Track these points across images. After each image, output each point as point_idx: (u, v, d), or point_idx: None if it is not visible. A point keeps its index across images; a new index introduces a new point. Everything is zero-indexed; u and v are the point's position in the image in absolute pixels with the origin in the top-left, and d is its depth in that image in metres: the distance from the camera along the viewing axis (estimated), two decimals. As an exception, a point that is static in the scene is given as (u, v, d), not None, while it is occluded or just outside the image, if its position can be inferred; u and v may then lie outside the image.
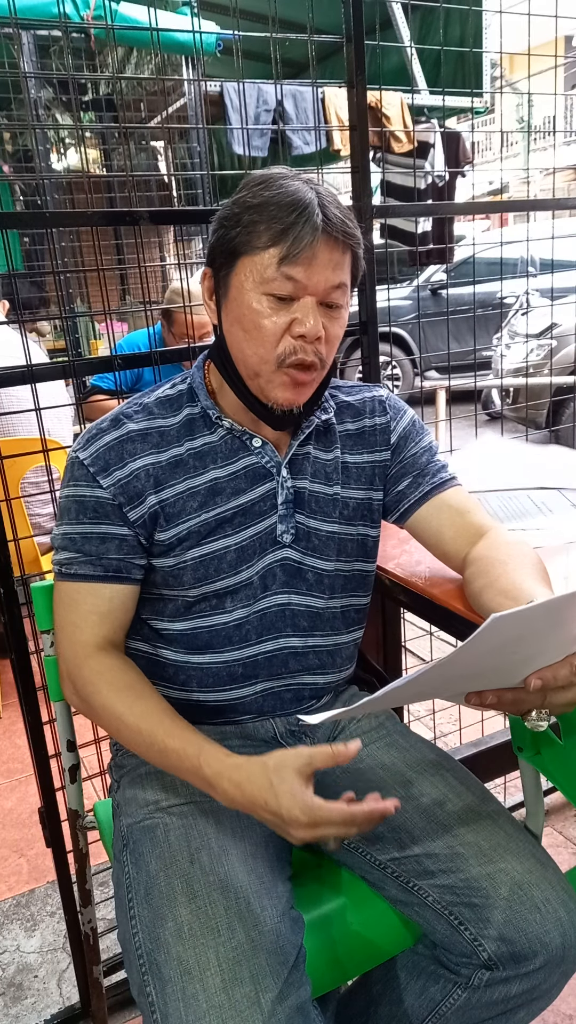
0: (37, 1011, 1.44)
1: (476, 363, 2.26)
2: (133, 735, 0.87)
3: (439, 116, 4.19)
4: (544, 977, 0.85)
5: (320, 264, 0.86)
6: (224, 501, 0.94)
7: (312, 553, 0.99)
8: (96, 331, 4.89)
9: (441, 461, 1.07)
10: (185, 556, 0.93)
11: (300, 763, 0.77)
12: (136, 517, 0.91)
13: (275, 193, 0.86)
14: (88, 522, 0.91)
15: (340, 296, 0.90)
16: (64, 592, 0.93)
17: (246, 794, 0.79)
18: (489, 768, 1.72)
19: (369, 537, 1.05)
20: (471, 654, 0.67)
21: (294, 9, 1.59)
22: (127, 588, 0.94)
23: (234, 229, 0.87)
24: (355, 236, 0.89)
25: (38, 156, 3.52)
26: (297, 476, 0.99)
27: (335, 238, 0.86)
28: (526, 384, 4.50)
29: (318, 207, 0.85)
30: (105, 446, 0.92)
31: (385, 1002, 0.96)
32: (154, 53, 3.13)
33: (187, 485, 0.93)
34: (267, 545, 0.97)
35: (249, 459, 0.96)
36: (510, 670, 0.74)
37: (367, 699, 0.74)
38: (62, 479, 0.95)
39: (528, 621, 0.66)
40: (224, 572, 0.94)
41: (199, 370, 0.99)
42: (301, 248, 0.84)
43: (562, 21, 1.76)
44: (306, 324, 0.86)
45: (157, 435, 0.94)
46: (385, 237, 3.71)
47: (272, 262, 0.85)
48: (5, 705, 2.48)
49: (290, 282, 0.86)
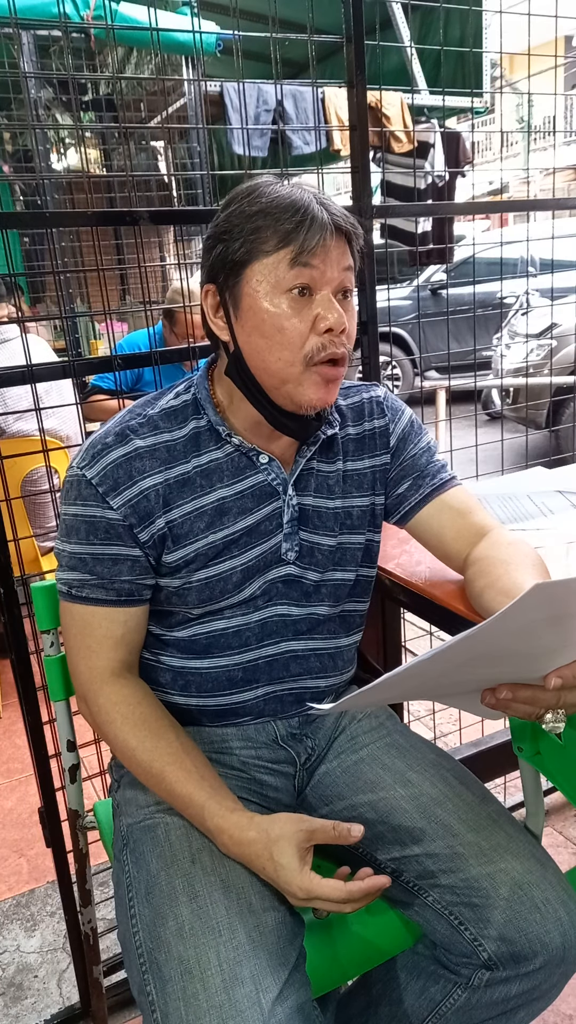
0: (37, 1011, 1.44)
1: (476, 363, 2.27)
2: (143, 771, 0.88)
3: (439, 116, 4.19)
4: (544, 977, 0.85)
5: (333, 255, 0.86)
6: (231, 522, 0.93)
7: (315, 568, 0.98)
8: (96, 331, 4.89)
9: (440, 461, 1.07)
10: (191, 578, 0.92)
11: (300, 838, 0.80)
12: (147, 538, 0.90)
13: (271, 199, 0.85)
14: (99, 543, 0.89)
15: (351, 280, 0.89)
16: (77, 615, 0.92)
17: (245, 856, 0.82)
18: (489, 768, 1.72)
19: (373, 542, 1.05)
20: (501, 629, 0.64)
21: (294, 9, 1.59)
22: (139, 610, 0.93)
23: (235, 241, 0.86)
24: (358, 226, 0.89)
25: (38, 156, 3.51)
26: (302, 492, 0.98)
27: (342, 228, 0.86)
28: (526, 384, 4.50)
29: (317, 204, 0.85)
30: (113, 464, 0.89)
31: (385, 1002, 0.96)
32: (154, 53, 3.13)
33: (195, 505, 0.91)
34: (271, 563, 0.96)
35: (256, 477, 0.94)
36: (528, 662, 0.72)
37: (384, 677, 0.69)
38: (63, 493, 0.92)
39: (569, 595, 0.63)
40: (229, 592, 0.94)
41: (203, 380, 0.96)
42: (315, 243, 0.84)
43: (562, 21, 1.76)
44: (330, 317, 0.85)
45: (165, 451, 0.91)
46: (385, 237, 3.71)
47: (284, 262, 0.84)
48: (5, 705, 2.48)
49: (307, 272, 0.84)
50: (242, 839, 0.81)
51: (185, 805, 0.86)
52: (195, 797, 0.85)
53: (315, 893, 0.77)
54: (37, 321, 4.03)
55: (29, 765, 1.63)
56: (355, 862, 0.96)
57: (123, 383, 2.59)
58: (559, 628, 0.67)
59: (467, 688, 0.77)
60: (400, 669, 0.68)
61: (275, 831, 0.80)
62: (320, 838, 0.80)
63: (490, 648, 0.68)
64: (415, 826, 0.92)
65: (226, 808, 0.84)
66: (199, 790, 0.85)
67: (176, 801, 0.87)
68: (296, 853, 0.79)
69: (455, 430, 1.92)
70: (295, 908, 0.86)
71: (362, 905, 0.80)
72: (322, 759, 1.04)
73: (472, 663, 0.71)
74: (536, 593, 0.60)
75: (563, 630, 0.67)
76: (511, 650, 0.69)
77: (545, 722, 0.74)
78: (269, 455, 0.95)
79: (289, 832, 0.80)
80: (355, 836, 0.80)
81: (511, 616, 0.63)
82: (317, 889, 0.77)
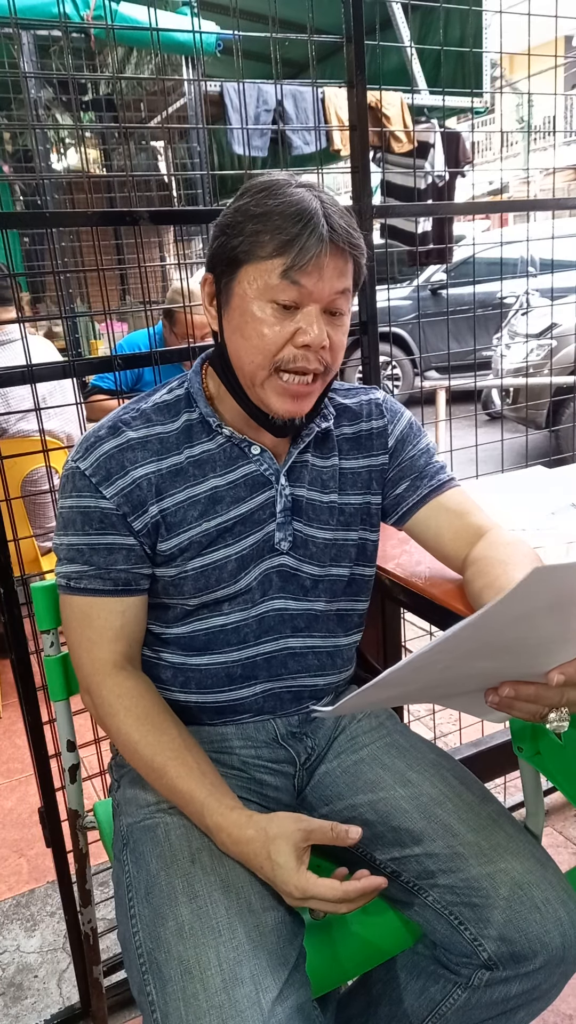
0: (37, 1011, 1.44)
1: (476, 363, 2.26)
2: (145, 765, 0.88)
3: (439, 116, 4.19)
4: (544, 977, 0.85)
5: (325, 274, 0.85)
6: (224, 510, 0.94)
7: (308, 560, 0.99)
8: (96, 331, 4.89)
9: (439, 462, 1.07)
10: (187, 567, 0.93)
11: (297, 838, 0.80)
12: (140, 527, 0.91)
13: (279, 202, 0.84)
14: (94, 533, 0.90)
15: (343, 303, 0.89)
16: (76, 607, 0.92)
17: (243, 854, 0.82)
18: (489, 768, 1.72)
19: (368, 541, 1.05)
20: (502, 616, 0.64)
21: (294, 9, 1.59)
22: (137, 600, 0.94)
23: (236, 238, 0.86)
24: (359, 246, 0.88)
25: (38, 156, 3.51)
26: (295, 484, 0.98)
27: (340, 248, 0.86)
28: (526, 384, 4.50)
29: (323, 217, 0.84)
30: (105, 455, 0.90)
31: (385, 1002, 0.96)
32: (154, 53, 3.13)
33: (187, 494, 0.93)
34: (264, 552, 0.96)
35: (248, 467, 0.96)
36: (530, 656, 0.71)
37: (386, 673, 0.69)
38: (60, 489, 0.94)
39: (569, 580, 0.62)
40: (224, 581, 0.94)
41: (196, 375, 0.98)
42: (307, 260, 0.83)
43: (562, 21, 1.76)
44: (310, 333, 0.86)
45: (157, 442, 0.93)
46: (385, 237, 3.71)
47: (276, 271, 0.84)
48: (5, 705, 2.48)
49: (295, 289, 0.85)
50: (240, 837, 0.81)
51: (185, 802, 0.86)
52: (196, 794, 0.85)
53: (311, 893, 0.77)
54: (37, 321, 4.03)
55: (29, 765, 1.63)
56: (355, 862, 0.96)
57: (123, 383, 2.59)
58: (560, 617, 0.66)
59: (469, 687, 0.77)
60: (402, 663, 0.67)
61: (273, 830, 0.80)
62: (318, 838, 0.80)
63: (491, 639, 0.68)
64: (415, 826, 0.92)
65: (226, 806, 0.84)
66: (200, 787, 0.85)
67: (176, 797, 0.87)
68: (293, 852, 0.79)
69: (455, 430, 1.92)
70: (294, 908, 0.86)
71: (358, 906, 0.79)
72: (322, 759, 1.04)
73: (473, 656, 0.70)
74: (536, 577, 0.60)
75: (564, 620, 0.67)
76: (512, 642, 0.69)
77: (549, 721, 0.74)
78: (261, 446, 0.96)
79: (287, 831, 0.80)
80: (353, 838, 0.79)
81: (511, 601, 0.62)
82: (313, 889, 0.77)
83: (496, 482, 1.53)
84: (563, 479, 1.45)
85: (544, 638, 0.69)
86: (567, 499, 1.31)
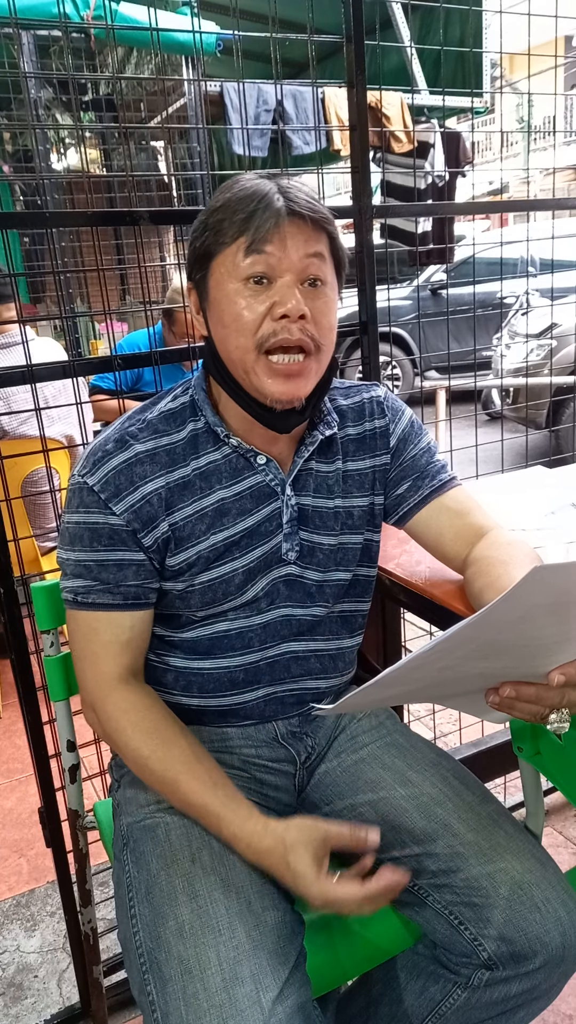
0: (37, 1011, 1.44)
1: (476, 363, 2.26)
2: (157, 780, 0.88)
3: (439, 116, 4.19)
4: (544, 977, 0.85)
5: (289, 241, 0.84)
6: (231, 522, 0.93)
7: (315, 567, 0.98)
8: (96, 331, 4.89)
9: (440, 461, 1.07)
10: (194, 581, 0.92)
11: (316, 845, 0.80)
12: (151, 542, 0.90)
13: (234, 192, 0.86)
14: (104, 549, 0.89)
15: (318, 269, 0.87)
16: (82, 621, 0.91)
17: (263, 864, 0.83)
18: (489, 768, 1.72)
19: (372, 542, 1.05)
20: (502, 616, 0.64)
21: (294, 9, 1.59)
22: (145, 613, 0.93)
23: (202, 236, 0.88)
24: (322, 212, 0.87)
25: (38, 156, 3.51)
26: (300, 492, 0.97)
27: (301, 215, 0.84)
28: (526, 384, 4.50)
29: (278, 191, 0.85)
30: (114, 470, 0.89)
31: (385, 1002, 0.96)
32: (154, 53, 3.13)
33: (195, 507, 0.91)
34: (272, 563, 0.95)
35: (254, 478, 0.94)
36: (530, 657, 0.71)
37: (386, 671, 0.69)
38: (66, 502, 0.92)
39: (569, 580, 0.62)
40: (232, 594, 0.94)
41: (201, 383, 0.96)
42: (266, 229, 0.83)
43: (562, 21, 1.76)
44: (287, 303, 0.84)
45: (165, 454, 0.91)
46: (385, 237, 3.71)
47: (240, 250, 0.85)
48: (5, 705, 2.48)
49: (261, 260, 0.84)
50: (259, 848, 0.82)
51: (201, 815, 0.86)
52: (211, 807, 0.85)
53: (332, 896, 0.78)
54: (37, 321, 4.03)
55: (29, 765, 1.63)
56: (355, 859, 0.95)
57: (123, 383, 2.59)
58: (560, 617, 0.66)
59: (469, 687, 0.77)
60: (402, 662, 0.67)
61: (290, 838, 0.81)
62: (336, 843, 0.81)
63: (491, 638, 0.67)
64: (415, 826, 0.92)
65: (241, 817, 0.84)
66: (214, 799, 0.85)
67: (192, 811, 0.87)
68: (312, 860, 0.80)
69: (455, 430, 1.92)
70: (295, 907, 0.86)
71: (381, 905, 0.80)
72: (322, 758, 1.04)
73: (474, 656, 0.70)
74: (536, 576, 0.60)
75: (564, 620, 0.67)
76: (512, 642, 0.69)
77: (549, 722, 0.74)
78: (267, 456, 0.95)
79: (304, 839, 0.81)
80: (372, 843, 0.80)
81: (512, 601, 0.62)
82: (334, 894, 0.78)
83: (496, 482, 1.53)
84: (563, 479, 1.45)
85: (544, 638, 0.69)
86: (567, 499, 1.31)
